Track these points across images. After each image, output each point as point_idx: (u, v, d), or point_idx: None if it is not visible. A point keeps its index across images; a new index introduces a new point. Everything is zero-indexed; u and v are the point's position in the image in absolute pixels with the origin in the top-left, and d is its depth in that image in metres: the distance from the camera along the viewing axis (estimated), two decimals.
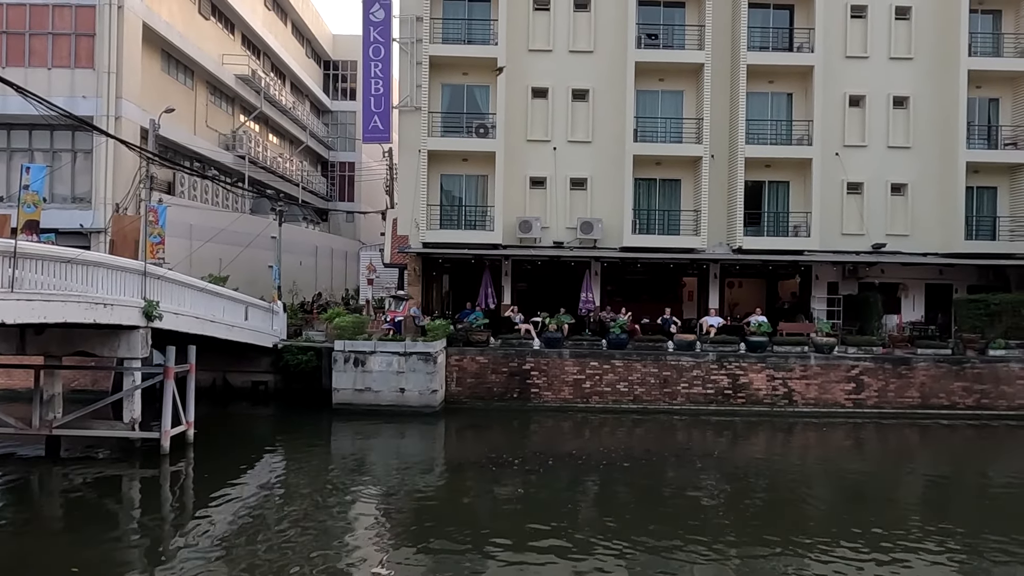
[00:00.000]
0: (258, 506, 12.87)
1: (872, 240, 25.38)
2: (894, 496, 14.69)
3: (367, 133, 26.83)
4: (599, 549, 10.70)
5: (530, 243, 25.08)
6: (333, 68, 48.32)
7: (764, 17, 25.95)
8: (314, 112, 45.77)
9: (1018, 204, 25.60)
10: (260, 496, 13.53)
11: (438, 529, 11.57)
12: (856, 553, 10.70)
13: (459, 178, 25.99)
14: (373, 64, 25.89)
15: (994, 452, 18.88)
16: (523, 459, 16.12)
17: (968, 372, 21.85)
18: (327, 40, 47.19)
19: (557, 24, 25.34)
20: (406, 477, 14.94)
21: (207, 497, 13.12)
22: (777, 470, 16.54)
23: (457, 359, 21.76)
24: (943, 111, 25.41)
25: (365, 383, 20.55)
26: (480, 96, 25.79)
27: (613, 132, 25.05)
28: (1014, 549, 11.02)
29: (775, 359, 21.91)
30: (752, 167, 25.14)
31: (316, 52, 46.59)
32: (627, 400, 21.63)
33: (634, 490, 14.32)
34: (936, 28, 25.54)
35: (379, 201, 45.22)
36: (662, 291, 27.26)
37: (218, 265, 25.99)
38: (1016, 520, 12.61)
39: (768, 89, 25.83)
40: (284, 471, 15.88)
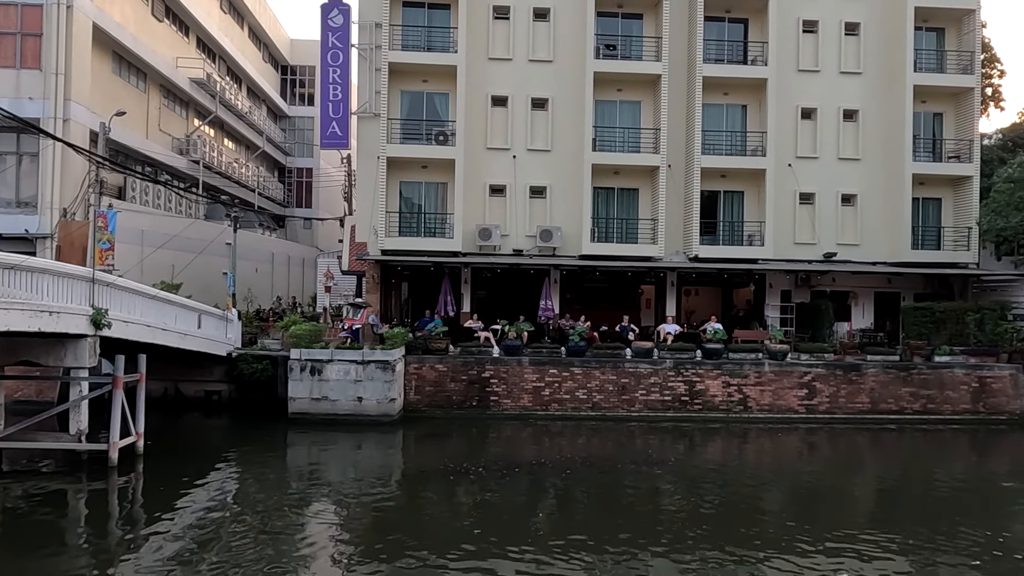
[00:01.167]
0: (211, 519, 12.58)
1: (823, 249, 26.03)
2: (845, 499, 15.03)
3: (325, 139, 26.56)
4: (559, 556, 10.72)
5: (490, 251, 25.09)
6: (291, 73, 47.77)
7: (719, 30, 26.49)
8: (271, 117, 45.14)
9: (961, 215, 26.51)
10: (213, 509, 13.24)
11: (396, 540, 11.46)
12: (809, 555, 10.91)
13: (418, 185, 25.90)
14: (331, 70, 25.66)
15: (939, 455, 19.45)
16: (482, 468, 16.08)
17: (915, 378, 22.49)
18: (285, 45, 46.65)
19: (517, 33, 25.48)
20: (363, 487, 14.77)
21: (157, 511, 12.78)
22: (733, 475, 16.77)
23: (416, 367, 21.63)
24: (890, 124, 26.22)
25: (322, 392, 20.27)
26: (440, 103, 25.77)
27: (572, 141, 25.26)
28: (959, 548, 11.36)
29: (730, 366, 22.26)
30: (708, 177, 25.58)
31: (273, 56, 46.01)
32: (586, 407, 21.74)
33: (593, 497, 14.38)
34: (883, 44, 26.37)
35: (337, 208, 44.76)
36: (620, 299, 27.53)
37: (171, 272, 25.43)
38: (960, 520, 12.99)
39: (723, 101, 26.33)
40: (238, 483, 15.56)
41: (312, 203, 46.72)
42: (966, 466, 18.61)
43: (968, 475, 17.56)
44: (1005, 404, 22.51)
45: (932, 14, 26.47)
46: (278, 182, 45.63)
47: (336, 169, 43.02)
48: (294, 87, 47.97)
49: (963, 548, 11.44)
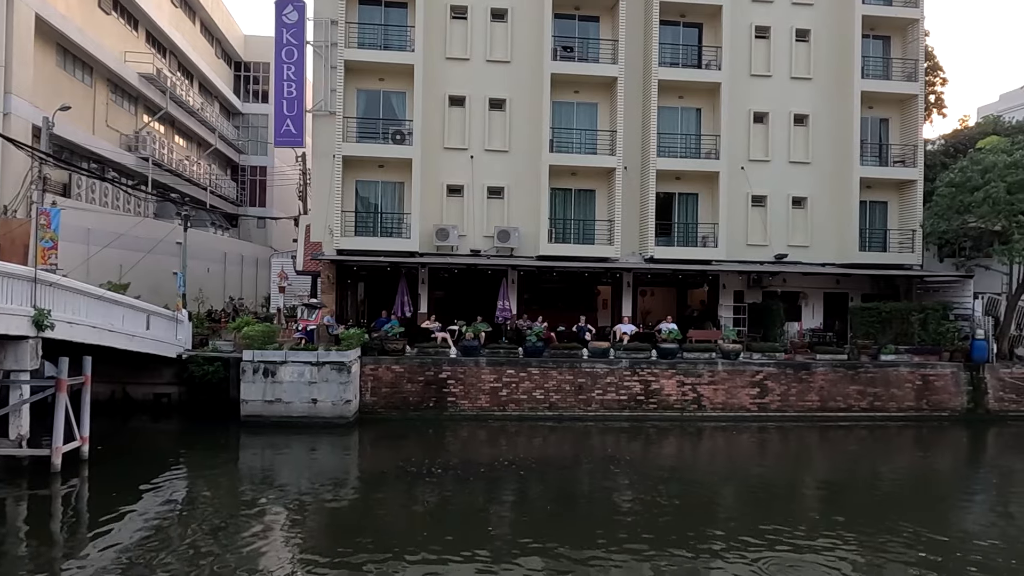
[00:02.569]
0: (159, 525, 12.25)
1: (775, 251, 26.58)
2: (796, 496, 15.36)
3: (279, 137, 26.15)
4: (517, 557, 10.73)
5: (447, 251, 25.01)
6: (244, 69, 46.93)
7: (675, 34, 26.84)
8: (224, 114, 44.29)
9: (906, 218, 27.34)
10: (161, 515, 12.90)
11: (352, 542, 11.33)
12: (763, 550, 11.12)
13: (375, 184, 25.68)
14: (286, 66, 25.27)
15: (886, 451, 20.00)
16: (440, 469, 16.00)
17: (862, 376, 23.10)
18: (238, 40, 45.80)
19: (474, 33, 25.44)
20: (318, 490, 14.56)
21: (103, 517, 12.39)
22: (688, 473, 17.02)
23: (372, 368, 21.43)
24: (839, 129, 26.90)
25: (275, 394, 19.94)
26: (397, 102, 25.59)
27: (530, 142, 25.33)
28: (903, 540, 11.70)
29: (685, 365, 22.56)
30: (663, 179, 25.90)
31: (226, 52, 45.14)
32: (543, 407, 21.81)
33: (550, 497, 14.43)
34: (833, 51, 27.04)
35: (292, 207, 44.11)
36: (577, 299, 27.69)
37: (118, 272, 24.76)
38: (905, 514, 13.39)
39: (678, 104, 26.69)
40: (188, 487, 15.19)
41: (266, 202, 45.98)
42: (911, 461, 19.18)
43: (913, 470, 18.11)
44: (947, 401, 23.27)
45: (879, 23, 27.26)
46: (231, 180, 44.81)
47: (291, 167, 42.38)
48: (248, 84, 47.15)
49: (908, 542, 11.79)
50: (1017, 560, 11.12)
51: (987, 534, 12.61)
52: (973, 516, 14.22)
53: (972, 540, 12.08)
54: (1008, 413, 23.29)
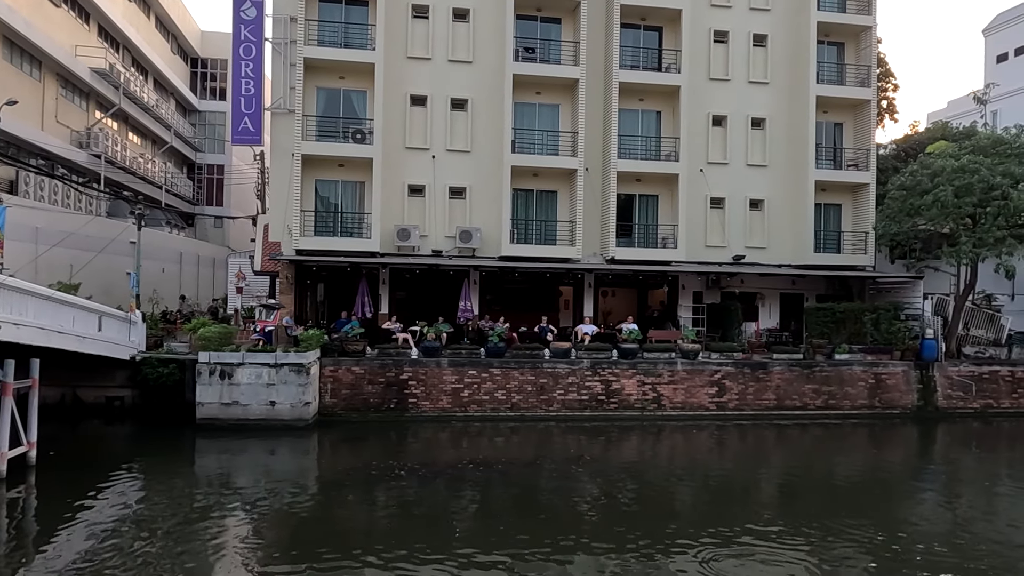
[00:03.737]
0: (111, 533, 11.92)
1: (733, 252, 27.00)
2: (754, 493, 15.59)
3: (237, 135, 25.70)
4: (480, 558, 10.70)
5: (408, 251, 24.86)
6: (201, 66, 46.04)
7: (635, 37, 27.10)
8: (180, 111, 43.40)
9: (859, 220, 28.00)
10: (114, 522, 12.55)
11: (312, 546, 11.18)
12: (721, 546, 11.27)
13: (335, 184, 25.41)
14: (244, 63, 24.86)
15: (838, 449, 20.44)
16: (401, 470, 15.89)
17: (817, 375, 23.58)
18: (195, 36, 44.91)
19: (436, 33, 25.35)
20: (277, 494, 14.33)
21: (51, 525, 12.02)
22: (649, 472, 17.16)
23: (332, 370, 21.19)
24: (795, 133, 27.45)
25: (232, 397, 19.59)
26: (357, 101, 25.37)
27: (492, 142, 25.32)
28: (855, 535, 11.96)
29: (645, 365, 22.77)
30: (624, 181, 26.12)
31: (183, 48, 44.23)
32: (505, 408, 21.80)
33: (513, 497, 14.43)
34: (789, 56, 27.59)
35: (250, 206, 43.43)
36: (539, 300, 27.76)
37: (69, 272, 24.06)
38: (857, 510, 13.72)
39: (639, 106, 26.95)
40: (142, 493, 14.81)
41: (223, 201, 45.15)
42: (864, 458, 19.61)
43: (866, 467, 18.54)
44: (898, 399, 23.88)
45: (833, 29, 27.88)
46: (187, 179, 43.93)
47: (249, 166, 41.74)
48: (205, 81, 46.26)
49: (861, 536, 12.05)
50: (965, 553, 11.46)
51: (937, 527, 12.99)
52: (923, 510, 14.60)
53: (923, 533, 12.42)
54: (956, 410, 24.00)
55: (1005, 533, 12.60)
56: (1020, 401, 24.43)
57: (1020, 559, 11.29)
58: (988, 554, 11.40)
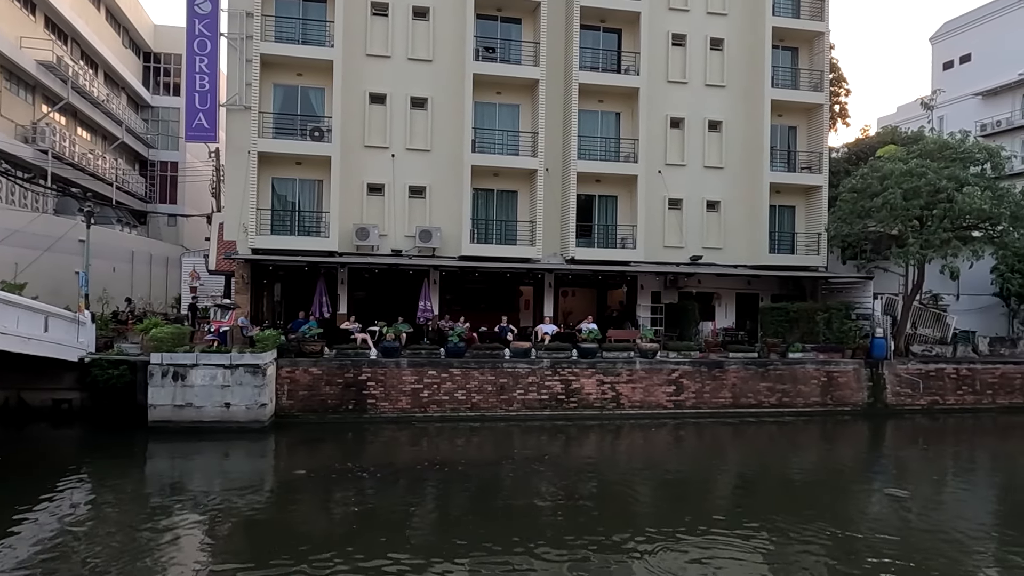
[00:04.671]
0: (59, 539, 11.55)
1: (690, 252, 27.36)
2: (710, 490, 15.82)
3: (191, 131, 25.19)
4: (440, 559, 10.64)
5: (367, 251, 24.65)
6: (155, 60, 44.99)
7: (595, 39, 27.28)
8: (132, 106, 42.34)
9: (812, 222, 28.62)
10: (61, 529, 12.17)
11: (268, 550, 11.00)
12: (679, 544, 11.41)
13: (292, 182, 25.06)
14: (198, 58, 24.36)
15: (792, 446, 20.88)
16: (359, 472, 15.75)
17: (771, 373, 24.03)
18: (147, 30, 43.86)
19: (396, 31, 25.18)
20: (232, 497, 14.07)
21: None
22: (608, 471, 17.29)
23: (289, 371, 20.89)
24: (750, 136, 27.93)
25: (186, 398, 19.17)
26: (315, 98, 25.06)
27: (452, 142, 25.24)
28: (808, 530, 12.22)
29: (604, 364, 22.93)
30: (584, 181, 26.27)
31: (135, 42, 43.16)
32: (465, 408, 21.75)
33: (472, 498, 14.40)
34: (744, 60, 28.06)
35: (205, 204, 42.60)
36: (500, 300, 27.77)
37: (13, 271, 23.30)
38: (810, 506, 14.04)
39: (598, 108, 27.13)
40: (91, 498, 14.41)
41: (177, 199, 44.18)
42: (817, 455, 20.08)
43: (819, 463, 18.98)
44: (849, 396, 24.47)
45: (787, 34, 28.45)
46: (139, 176, 42.88)
47: (203, 163, 40.91)
48: (158, 76, 45.22)
49: (814, 531, 12.32)
50: (914, 546, 11.79)
51: (887, 522, 13.35)
52: (874, 504, 14.97)
53: (873, 527, 12.74)
54: (904, 407, 24.69)
55: (952, 525, 12.99)
56: (964, 398, 25.25)
57: (965, 551, 11.66)
58: (935, 547, 11.74)
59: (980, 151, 25.79)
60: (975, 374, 25.50)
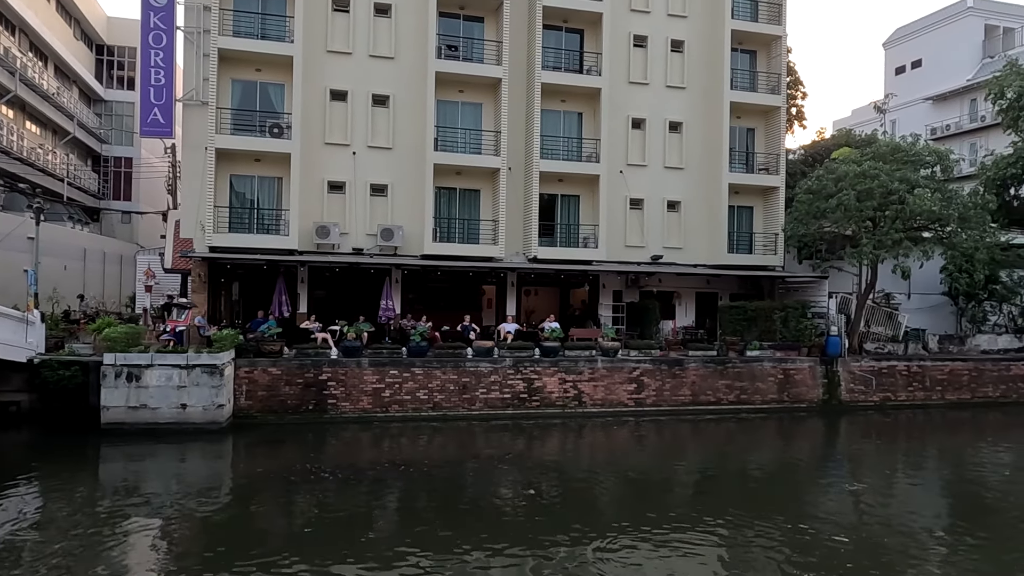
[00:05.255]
0: (7, 546, 11.20)
1: (651, 252, 27.64)
2: (671, 487, 16.02)
3: (146, 127, 24.64)
4: (403, 560, 10.58)
5: (328, 249, 24.38)
6: (108, 53, 43.83)
7: (557, 39, 27.37)
8: (84, 100, 41.21)
9: (769, 222, 29.13)
10: (10, 534, 11.80)
11: (225, 553, 10.82)
12: (642, 540, 11.52)
13: (251, 179, 24.67)
14: (153, 52, 23.84)
15: (750, 442, 21.23)
16: (320, 473, 15.58)
17: (730, 371, 24.41)
18: (100, 22, 42.73)
19: (357, 27, 24.94)
20: (188, 500, 13.81)
21: None
22: (570, 469, 17.38)
23: (247, 371, 20.56)
24: (710, 137, 28.30)
25: (140, 400, 18.75)
26: (275, 94, 24.70)
27: (414, 140, 25.10)
28: (764, 525, 12.46)
29: (567, 363, 23.04)
30: (546, 181, 26.35)
31: (87, 34, 42.01)
32: (427, 408, 21.67)
33: (435, 497, 14.34)
34: (704, 62, 28.43)
35: (160, 201, 41.69)
36: (462, 299, 27.71)
37: None
38: (768, 500, 14.30)
39: (561, 107, 27.23)
40: (40, 503, 14.01)
41: (132, 195, 43.12)
42: (774, 451, 20.46)
43: (775, 459, 19.34)
44: (805, 393, 24.97)
45: (746, 37, 28.89)
46: (92, 171, 41.76)
47: (159, 159, 40.04)
48: (112, 69, 44.08)
49: (771, 525, 12.56)
50: (867, 539, 12.09)
51: (841, 516, 13.65)
52: (829, 499, 15.30)
53: (828, 521, 13.04)
54: (858, 403, 25.28)
55: (903, 519, 13.34)
56: (915, 394, 25.96)
57: (915, 543, 11.99)
58: (887, 538, 12.05)
59: (930, 154, 26.59)
60: (925, 371, 26.23)
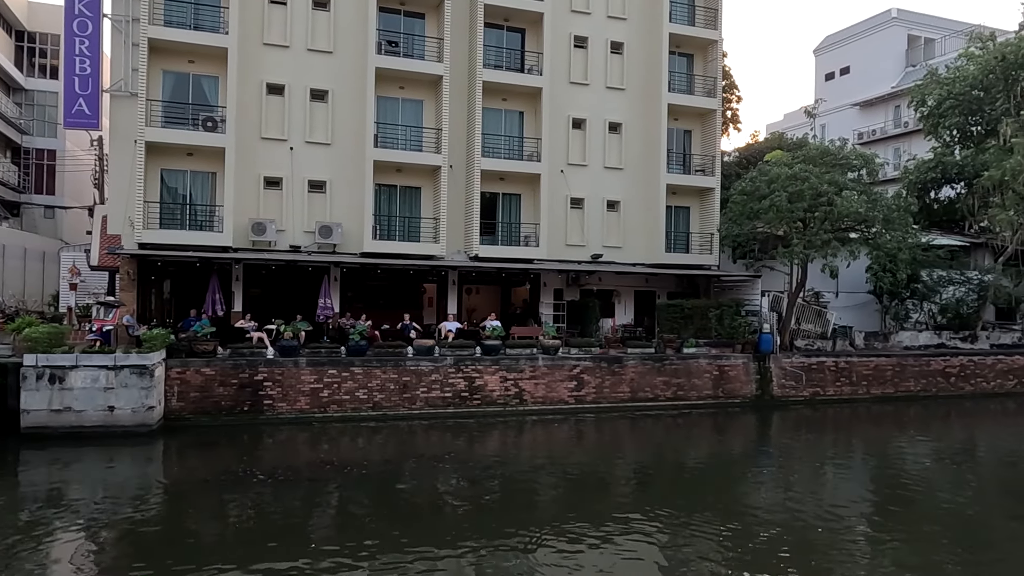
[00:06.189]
0: None
1: (591, 251, 27.95)
2: (611, 483, 16.21)
3: (70, 118, 23.64)
4: (341, 564, 10.43)
5: (264, 246, 23.85)
6: (29, 40, 41.78)
7: (499, 37, 27.39)
8: (3, 89, 39.24)
9: (705, 222, 29.81)
10: None
11: (156, 564, 10.46)
12: (582, 537, 11.63)
13: (183, 174, 23.93)
14: (78, 40, 22.89)
15: (687, 437, 21.71)
16: (254, 476, 15.23)
17: (668, 368, 24.88)
18: (20, 7, 40.70)
19: (295, 20, 24.45)
20: (116, 506, 13.31)
21: None
22: (511, 466, 17.43)
23: (179, 372, 19.95)
24: (648, 138, 28.78)
25: (64, 402, 17.98)
26: (208, 87, 24.01)
27: (353, 136, 24.76)
28: (698, 519, 12.75)
29: (508, 361, 23.10)
30: (488, 179, 26.35)
31: (6, 19, 39.98)
32: (367, 407, 21.41)
33: (374, 498, 14.19)
34: (643, 64, 28.88)
35: (86, 195, 40.01)
36: (403, 297, 27.47)
37: None
38: (703, 493, 14.64)
39: (502, 106, 27.27)
40: None
41: (55, 189, 41.21)
42: (709, 445, 20.94)
43: (711, 453, 19.80)
44: (739, 389, 25.66)
45: (683, 41, 29.46)
46: (12, 164, 39.78)
47: (85, 152, 38.44)
48: (33, 56, 42.07)
49: (706, 519, 12.87)
50: (797, 532, 12.50)
51: (773, 510, 14.07)
52: (761, 492, 15.77)
53: (760, 515, 13.43)
54: (789, 398, 26.11)
55: (832, 511, 13.83)
56: (842, 389, 26.95)
57: (843, 532, 12.45)
58: (818, 532, 12.49)
59: (857, 158, 27.64)
60: (852, 367, 27.27)
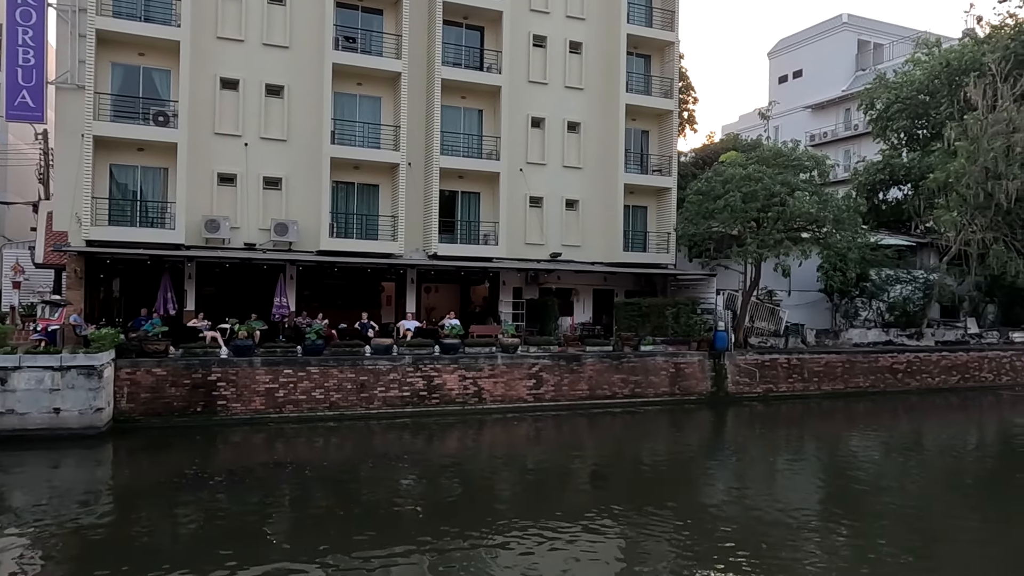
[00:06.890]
0: None
1: (550, 250, 28.08)
2: (570, 480, 16.30)
3: (12, 110, 22.78)
4: (296, 566, 10.28)
5: (218, 244, 23.40)
6: None
7: (458, 35, 27.32)
8: None
9: (662, 222, 30.18)
10: None
11: (106, 567, 10.17)
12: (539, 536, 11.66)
13: (133, 169, 23.34)
14: (21, 30, 22.10)
15: (644, 434, 21.93)
16: (208, 478, 14.93)
17: (625, 366, 25.11)
18: None
19: (249, 13, 24.03)
20: (63, 511, 12.88)
21: None
22: (470, 465, 17.41)
23: (129, 372, 19.43)
24: (607, 138, 29.02)
25: (6, 405, 17.36)
26: (160, 80, 23.46)
27: (310, 132, 24.45)
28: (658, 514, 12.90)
29: (467, 360, 23.05)
30: (447, 177, 26.27)
31: None
32: (323, 407, 21.16)
33: (330, 499, 14.02)
34: (602, 64, 29.11)
35: (30, 191, 38.66)
36: (360, 296, 27.23)
37: None
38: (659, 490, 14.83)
39: (461, 104, 27.21)
40: None
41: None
42: (666, 442, 21.21)
43: (668, 450, 20.06)
44: (695, 386, 26.03)
45: (641, 42, 29.78)
46: None
47: (29, 146, 37.12)
48: None
49: (663, 516, 13.03)
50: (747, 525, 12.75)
51: (728, 505, 14.33)
52: (717, 488, 16.04)
53: (714, 507, 13.65)
54: (743, 395, 26.58)
55: (784, 506, 14.14)
56: (795, 385, 27.55)
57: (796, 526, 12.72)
58: (771, 528, 12.75)
59: (809, 159, 28.28)
60: (804, 363, 27.89)
